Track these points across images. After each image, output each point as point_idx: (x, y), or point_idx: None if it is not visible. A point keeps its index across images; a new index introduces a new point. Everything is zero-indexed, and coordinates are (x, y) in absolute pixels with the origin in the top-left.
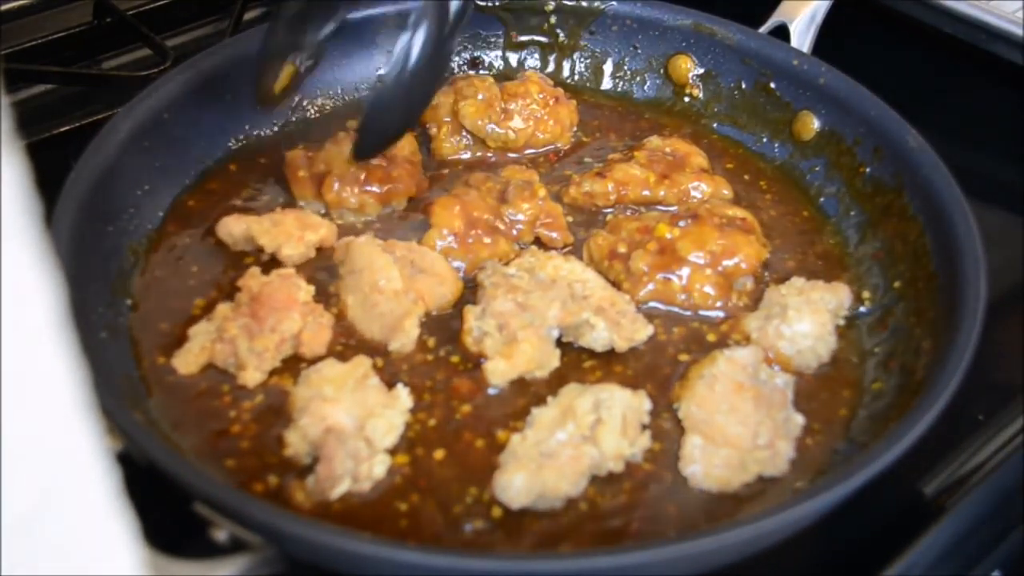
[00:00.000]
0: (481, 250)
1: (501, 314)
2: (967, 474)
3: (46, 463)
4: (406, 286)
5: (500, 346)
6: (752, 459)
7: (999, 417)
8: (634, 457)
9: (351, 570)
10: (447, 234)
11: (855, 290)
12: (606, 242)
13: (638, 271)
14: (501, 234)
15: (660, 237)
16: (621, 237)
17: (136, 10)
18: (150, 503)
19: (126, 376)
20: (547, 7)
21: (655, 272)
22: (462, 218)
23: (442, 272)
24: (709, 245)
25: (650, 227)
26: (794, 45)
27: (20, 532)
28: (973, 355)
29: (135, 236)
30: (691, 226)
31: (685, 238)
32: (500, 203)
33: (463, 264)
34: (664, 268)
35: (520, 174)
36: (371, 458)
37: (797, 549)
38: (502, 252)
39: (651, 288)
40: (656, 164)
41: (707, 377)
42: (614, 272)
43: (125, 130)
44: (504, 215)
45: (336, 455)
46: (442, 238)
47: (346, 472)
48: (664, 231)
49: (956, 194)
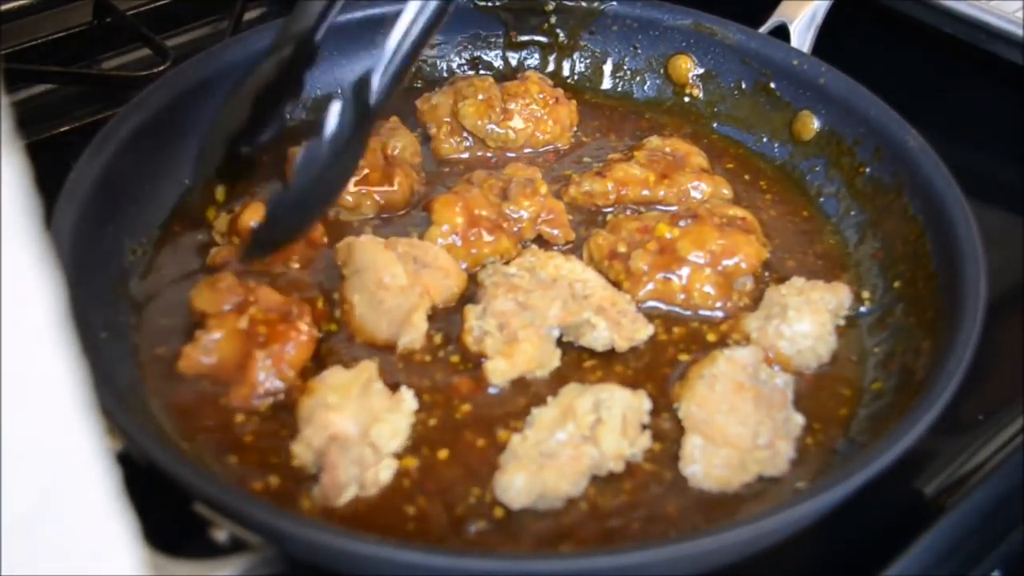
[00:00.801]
0: (483, 247)
1: (502, 313)
2: (967, 474)
3: (46, 463)
4: (411, 281)
5: (501, 345)
6: (752, 459)
7: (999, 417)
8: (634, 457)
9: (351, 570)
10: (448, 231)
11: (855, 290)
12: (606, 242)
13: (638, 271)
14: (503, 231)
15: (660, 237)
16: (621, 237)
17: (136, 10)
18: (150, 503)
19: (126, 376)
20: (547, 7)
21: (655, 272)
22: (463, 215)
23: (446, 265)
24: (709, 245)
25: (650, 227)
26: (794, 45)
27: (20, 532)
28: (973, 355)
29: (135, 236)
30: (691, 226)
31: (685, 238)
32: (502, 200)
33: (465, 262)
34: (664, 268)
35: (522, 171)
36: (377, 464)
37: (797, 549)
38: (504, 249)
39: (651, 288)
40: (656, 164)
41: (707, 377)
42: (614, 272)
43: (125, 130)
44: (506, 212)
45: (340, 463)
46: (443, 235)
47: (351, 479)
48: (664, 231)
49: (956, 194)
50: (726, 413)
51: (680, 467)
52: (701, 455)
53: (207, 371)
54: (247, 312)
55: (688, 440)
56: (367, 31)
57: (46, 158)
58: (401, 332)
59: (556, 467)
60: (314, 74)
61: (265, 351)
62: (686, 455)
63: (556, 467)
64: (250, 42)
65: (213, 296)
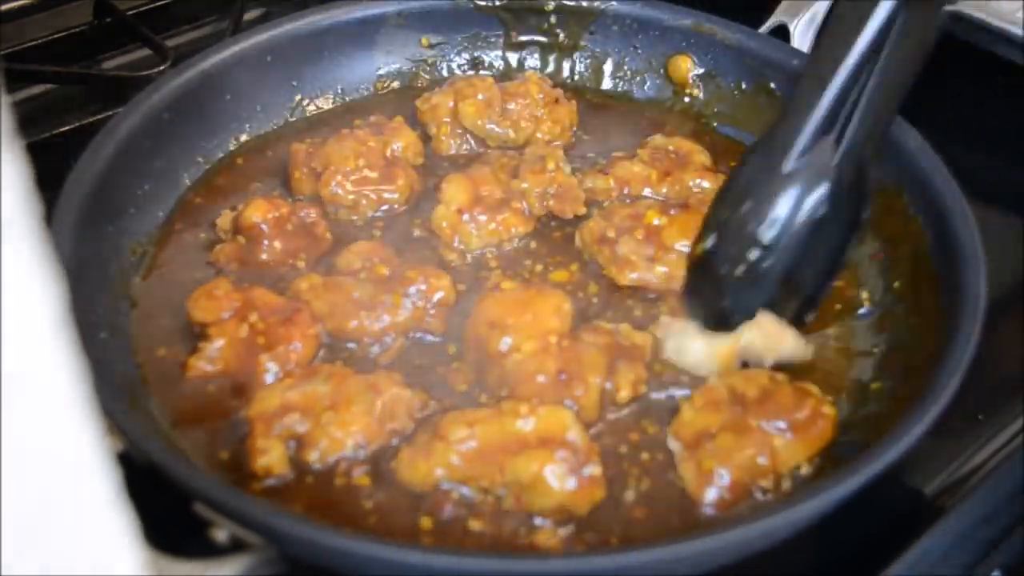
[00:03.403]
0: (489, 224)
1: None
2: (967, 474)
3: (46, 463)
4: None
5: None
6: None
7: (999, 417)
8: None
9: (351, 570)
10: (455, 210)
11: (855, 290)
12: (597, 227)
13: (624, 257)
14: (511, 209)
15: (648, 224)
16: (612, 223)
17: (136, 10)
18: (150, 503)
19: (126, 376)
20: (547, 7)
21: (641, 258)
22: (470, 193)
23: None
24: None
25: (640, 214)
26: (794, 45)
27: (20, 532)
28: (973, 355)
29: (136, 236)
30: (680, 214)
31: (672, 226)
32: (511, 178)
33: (477, 242)
34: (650, 254)
35: (541, 149)
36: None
37: (797, 549)
38: (513, 225)
39: (636, 276)
40: (659, 162)
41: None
42: (603, 256)
43: (125, 130)
44: (515, 190)
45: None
46: (449, 216)
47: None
48: (652, 218)
49: (956, 194)
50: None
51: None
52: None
53: (214, 375)
54: (247, 319)
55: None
56: (367, 31)
57: (46, 158)
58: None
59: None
60: (314, 73)
61: (269, 354)
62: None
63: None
64: (250, 42)
65: (210, 304)
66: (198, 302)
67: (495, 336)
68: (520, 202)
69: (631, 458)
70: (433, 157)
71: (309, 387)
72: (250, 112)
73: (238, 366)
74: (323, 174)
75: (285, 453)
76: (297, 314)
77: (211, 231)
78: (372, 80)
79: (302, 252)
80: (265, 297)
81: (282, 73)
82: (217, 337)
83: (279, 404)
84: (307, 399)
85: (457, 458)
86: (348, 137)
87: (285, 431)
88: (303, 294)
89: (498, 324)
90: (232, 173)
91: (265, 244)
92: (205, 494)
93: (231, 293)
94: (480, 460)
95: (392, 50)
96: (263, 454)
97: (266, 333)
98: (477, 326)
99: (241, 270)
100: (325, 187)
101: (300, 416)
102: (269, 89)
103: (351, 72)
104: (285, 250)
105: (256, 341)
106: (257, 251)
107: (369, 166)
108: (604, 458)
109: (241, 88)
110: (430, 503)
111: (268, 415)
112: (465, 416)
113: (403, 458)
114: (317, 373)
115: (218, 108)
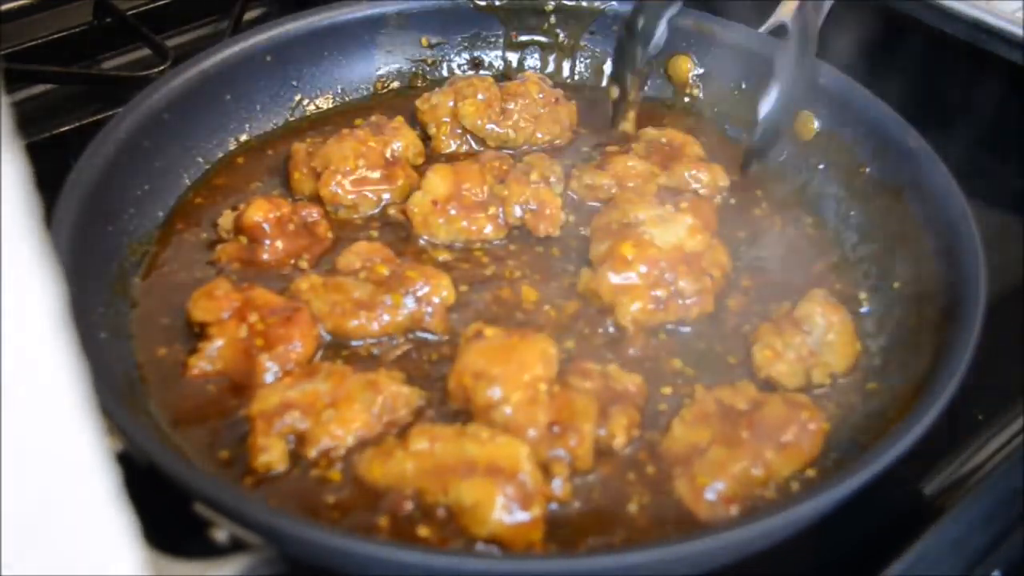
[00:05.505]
0: (459, 222)
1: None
2: (967, 474)
3: (46, 463)
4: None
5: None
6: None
7: (999, 417)
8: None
9: (351, 570)
10: (430, 199)
11: (855, 290)
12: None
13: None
14: (486, 213)
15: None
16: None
17: (136, 10)
18: (150, 503)
19: (126, 376)
20: (547, 7)
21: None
22: (450, 186)
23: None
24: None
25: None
26: None
27: (20, 532)
28: (973, 355)
29: (136, 235)
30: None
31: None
32: (497, 182)
33: (447, 236)
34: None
35: (539, 161)
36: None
37: (797, 549)
38: (482, 227)
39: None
40: (654, 155)
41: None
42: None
43: (125, 130)
44: (496, 196)
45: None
46: (424, 205)
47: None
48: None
49: (956, 194)
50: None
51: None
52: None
53: (214, 375)
54: (247, 319)
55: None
56: (367, 31)
57: (46, 158)
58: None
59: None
60: (314, 73)
61: (269, 354)
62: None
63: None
64: (250, 42)
65: (210, 305)
66: (198, 302)
67: (481, 387)
68: (497, 208)
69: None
70: (433, 157)
71: (309, 385)
72: (250, 112)
73: (238, 366)
74: (323, 174)
75: (286, 451)
76: (297, 314)
77: (211, 231)
78: (372, 80)
79: (304, 252)
80: (265, 297)
81: (282, 73)
82: (217, 337)
83: (280, 402)
84: (307, 397)
85: (412, 467)
86: (348, 137)
87: (286, 428)
88: (303, 294)
89: (483, 375)
90: (232, 173)
91: (267, 244)
92: (205, 494)
93: (231, 293)
94: (430, 475)
95: (392, 50)
96: (264, 451)
97: (266, 333)
98: (462, 377)
99: (242, 270)
100: (325, 187)
101: (300, 414)
102: (269, 89)
103: (351, 72)
104: (287, 249)
105: (256, 341)
106: (259, 250)
107: (369, 166)
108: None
109: (241, 88)
110: (390, 503)
111: (269, 413)
112: (431, 430)
113: (365, 457)
114: (317, 371)
115: (218, 108)
